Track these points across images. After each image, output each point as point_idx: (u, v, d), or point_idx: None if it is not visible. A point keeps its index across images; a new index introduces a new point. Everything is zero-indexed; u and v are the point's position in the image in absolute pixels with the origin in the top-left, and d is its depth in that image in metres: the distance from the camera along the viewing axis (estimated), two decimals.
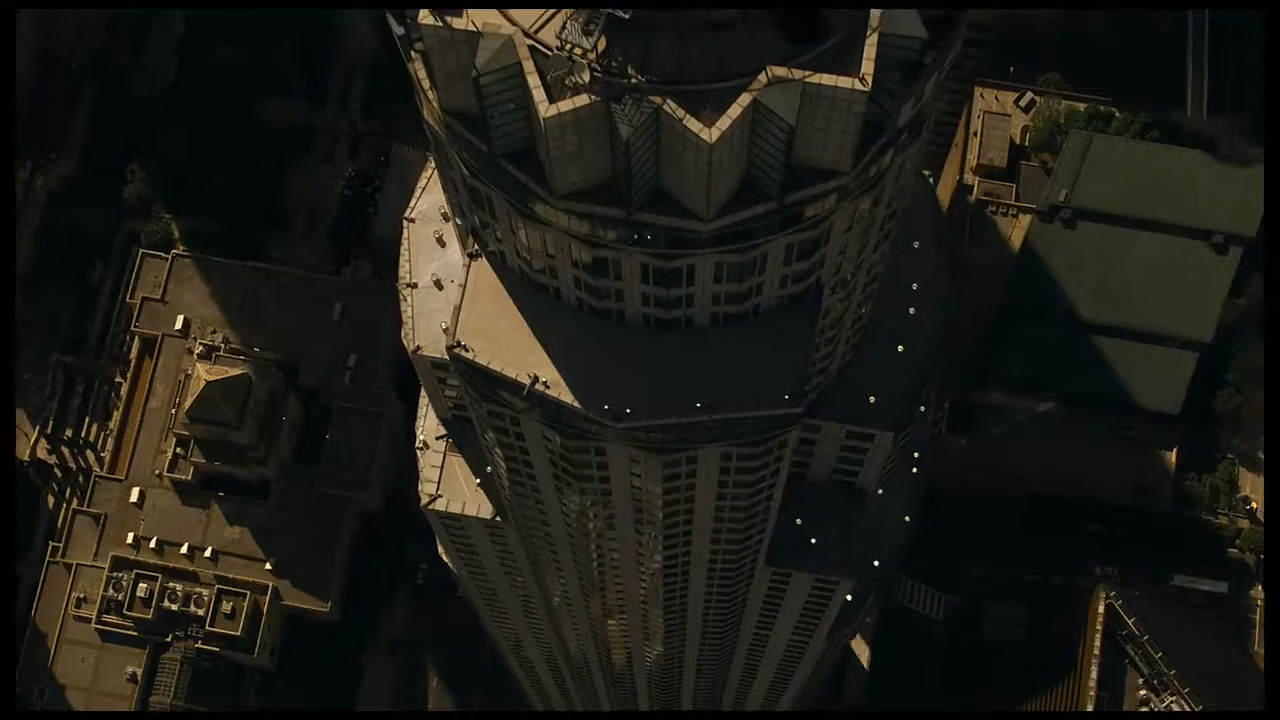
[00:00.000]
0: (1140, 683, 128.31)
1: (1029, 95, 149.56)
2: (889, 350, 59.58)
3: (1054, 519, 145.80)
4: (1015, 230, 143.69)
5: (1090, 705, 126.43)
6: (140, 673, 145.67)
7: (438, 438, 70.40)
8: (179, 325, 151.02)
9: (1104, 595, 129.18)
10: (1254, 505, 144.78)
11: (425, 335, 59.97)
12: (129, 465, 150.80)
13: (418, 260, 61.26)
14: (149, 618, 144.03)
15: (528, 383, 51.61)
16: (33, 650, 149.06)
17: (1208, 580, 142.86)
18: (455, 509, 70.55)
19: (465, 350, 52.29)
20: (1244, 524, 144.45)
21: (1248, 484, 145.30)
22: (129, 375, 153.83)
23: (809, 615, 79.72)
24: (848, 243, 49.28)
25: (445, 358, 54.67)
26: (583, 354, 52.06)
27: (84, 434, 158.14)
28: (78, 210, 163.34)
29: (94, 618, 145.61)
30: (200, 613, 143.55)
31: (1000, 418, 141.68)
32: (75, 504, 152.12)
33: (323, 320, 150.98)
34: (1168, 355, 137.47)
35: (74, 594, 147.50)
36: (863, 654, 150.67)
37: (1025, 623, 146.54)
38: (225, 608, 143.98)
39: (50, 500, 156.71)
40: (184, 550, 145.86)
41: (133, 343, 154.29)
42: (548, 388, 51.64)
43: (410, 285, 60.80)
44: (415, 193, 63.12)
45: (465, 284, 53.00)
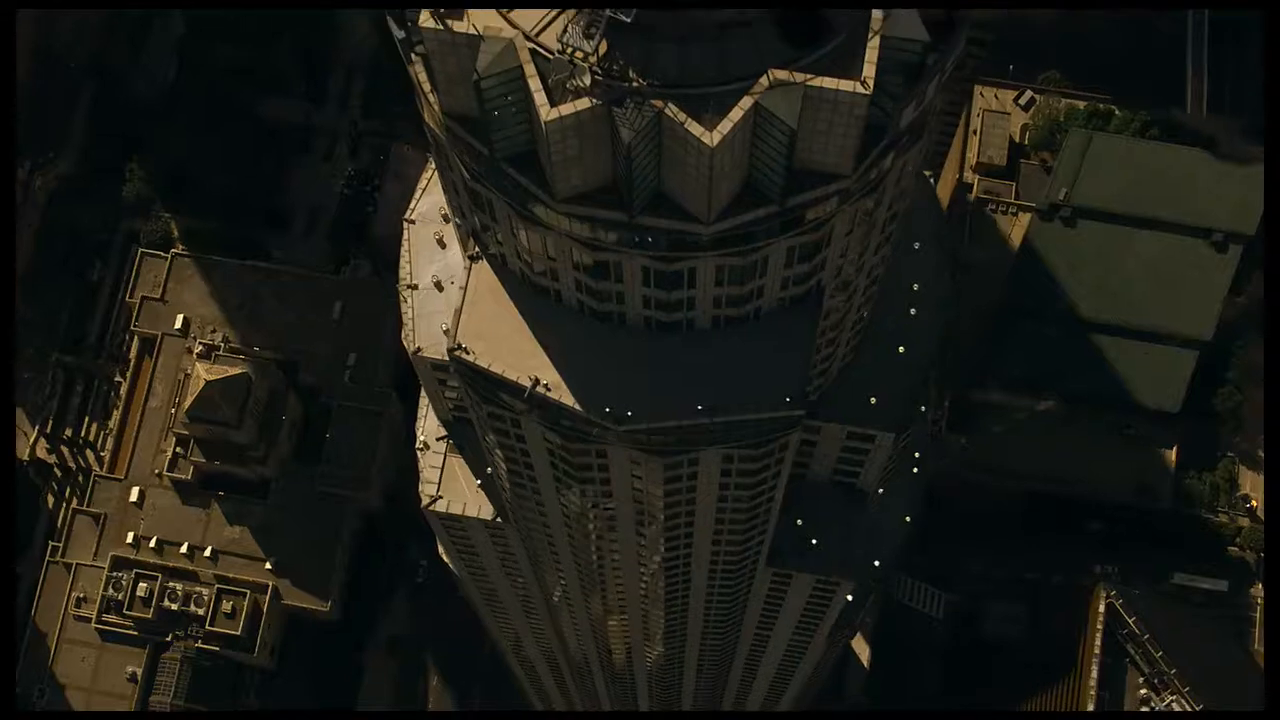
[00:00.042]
0: (1140, 682, 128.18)
1: (1029, 94, 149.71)
2: (889, 351, 59.55)
3: (1054, 517, 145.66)
4: (1015, 229, 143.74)
5: (1090, 704, 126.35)
6: (140, 672, 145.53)
7: (438, 438, 70.45)
8: (179, 324, 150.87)
9: (1104, 594, 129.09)
10: (1254, 503, 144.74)
11: (426, 337, 60.00)
12: (129, 465, 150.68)
13: (418, 261, 61.29)
14: (149, 617, 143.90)
15: (529, 385, 51.61)
16: (33, 650, 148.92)
17: (1208, 579, 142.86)
18: (456, 510, 70.60)
19: (466, 353, 52.28)
20: (1244, 522, 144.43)
21: (1248, 482, 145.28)
22: (129, 374, 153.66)
23: (810, 616, 79.78)
24: (849, 245, 49.26)
25: (446, 359, 54.63)
26: (584, 357, 52.04)
27: (84, 433, 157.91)
28: (77, 209, 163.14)
29: (94, 617, 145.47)
30: (200, 612, 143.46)
31: (1000, 416, 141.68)
32: (75, 503, 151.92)
33: (322, 319, 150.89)
34: (1168, 353, 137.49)
35: (74, 593, 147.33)
36: (863, 653, 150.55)
37: (1025, 621, 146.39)
38: (225, 607, 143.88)
39: (50, 500, 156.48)
40: (184, 550, 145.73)
41: (132, 342, 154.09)
42: (549, 390, 51.63)
43: (411, 287, 60.85)
44: (415, 194, 63.17)
45: (466, 286, 52.98)
